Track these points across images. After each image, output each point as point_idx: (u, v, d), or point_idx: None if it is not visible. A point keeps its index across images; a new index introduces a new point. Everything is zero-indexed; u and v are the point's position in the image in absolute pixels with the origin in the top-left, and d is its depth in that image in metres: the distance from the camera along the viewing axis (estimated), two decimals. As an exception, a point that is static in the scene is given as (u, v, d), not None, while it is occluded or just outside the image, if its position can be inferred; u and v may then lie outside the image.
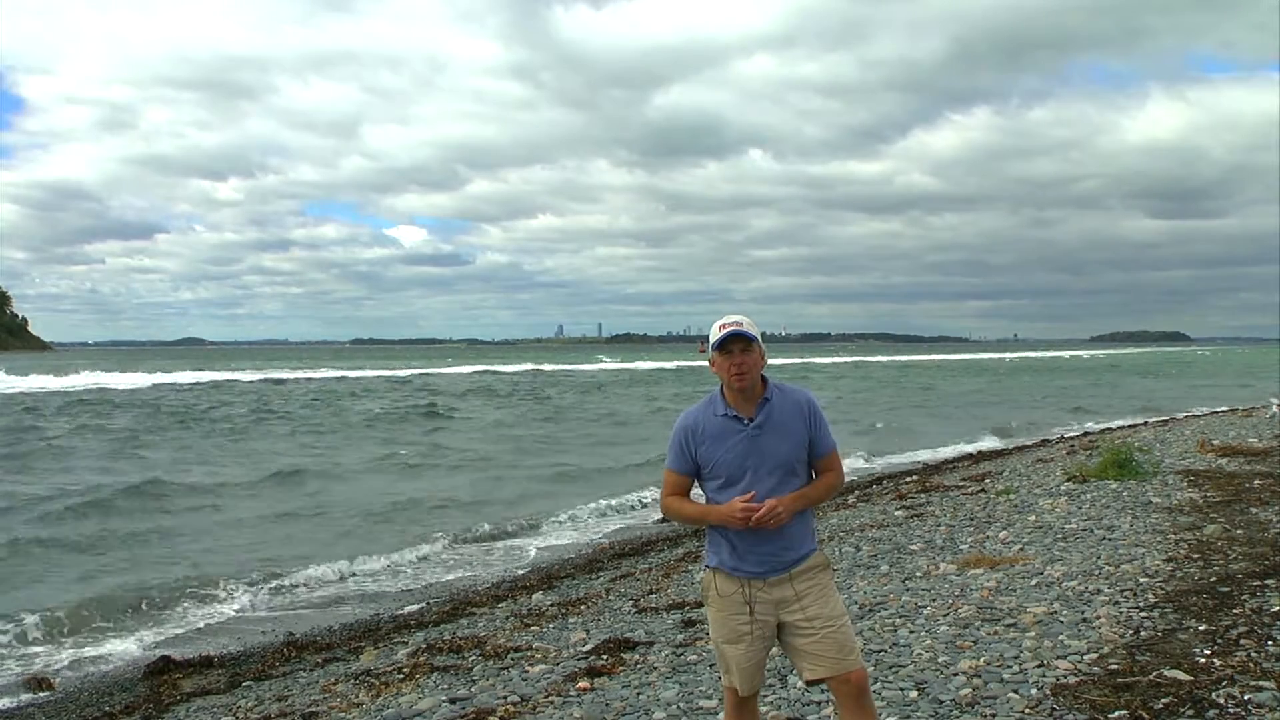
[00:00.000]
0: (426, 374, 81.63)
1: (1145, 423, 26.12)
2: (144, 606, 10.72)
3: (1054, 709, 4.24)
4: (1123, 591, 6.06)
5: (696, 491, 3.55)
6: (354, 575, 12.30)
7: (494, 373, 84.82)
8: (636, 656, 6.19)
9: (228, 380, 66.38)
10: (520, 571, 12.03)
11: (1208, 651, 4.76)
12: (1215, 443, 13.95)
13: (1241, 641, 4.86)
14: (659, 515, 14.63)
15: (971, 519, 9.91)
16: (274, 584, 11.71)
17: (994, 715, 4.28)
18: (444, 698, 5.81)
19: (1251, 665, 4.52)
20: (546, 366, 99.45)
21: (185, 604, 10.89)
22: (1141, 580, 6.29)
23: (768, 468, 3.33)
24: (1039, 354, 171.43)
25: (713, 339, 3.35)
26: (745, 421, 3.37)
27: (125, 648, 9.44)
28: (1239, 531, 7.57)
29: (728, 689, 3.54)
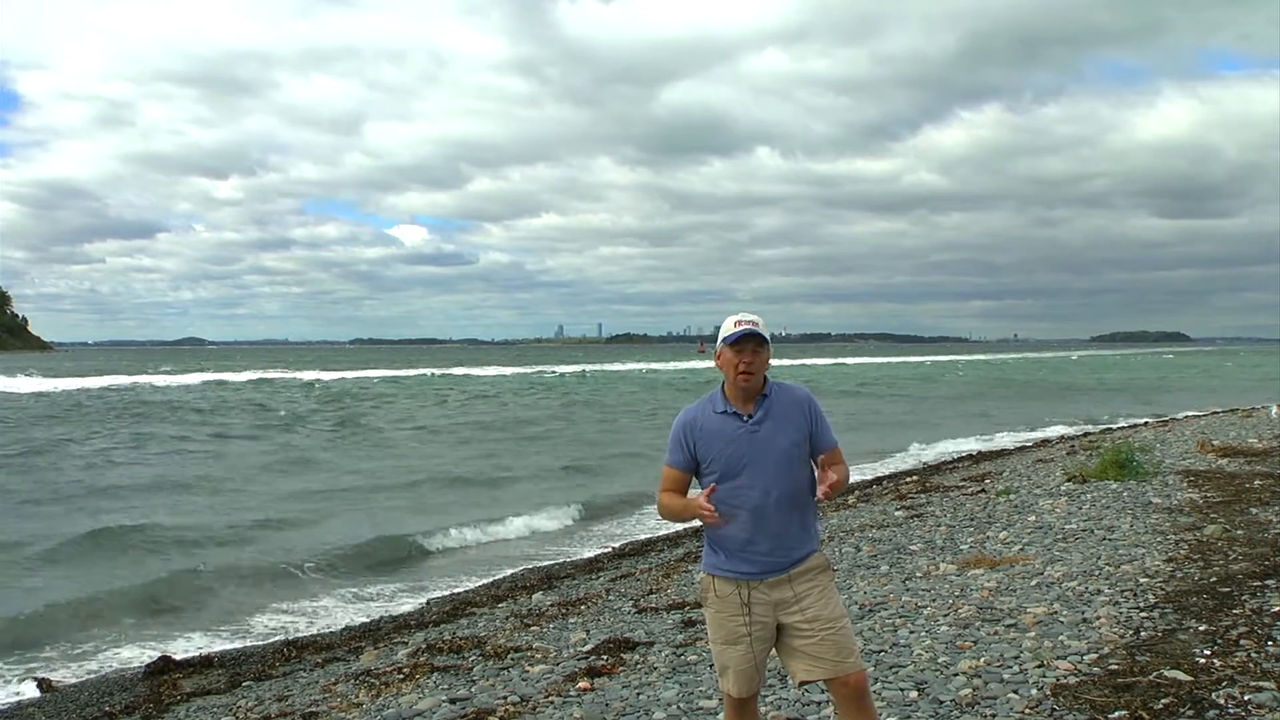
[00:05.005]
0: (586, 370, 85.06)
1: (1146, 423, 26.13)
2: (144, 606, 10.72)
3: (1054, 709, 4.23)
4: (1123, 592, 6.06)
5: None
6: (357, 574, 12.30)
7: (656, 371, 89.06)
8: (636, 656, 6.19)
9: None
10: (520, 570, 12.03)
11: (1208, 652, 4.76)
12: (1215, 443, 13.95)
13: (1241, 642, 4.86)
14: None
15: (971, 519, 9.90)
16: (273, 584, 11.70)
17: (994, 715, 4.28)
18: (444, 698, 5.81)
19: (1251, 666, 4.51)
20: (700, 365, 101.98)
21: (185, 604, 10.88)
22: (1142, 580, 6.29)
23: (766, 463, 3.34)
24: (1004, 356, 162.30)
25: (725, 333, 3.35)
26: (745, 418, 3.37)
27: (125, 647, 9.43)
28: (1239, 532, 7.56)
29: (726, 691, 3.52)
